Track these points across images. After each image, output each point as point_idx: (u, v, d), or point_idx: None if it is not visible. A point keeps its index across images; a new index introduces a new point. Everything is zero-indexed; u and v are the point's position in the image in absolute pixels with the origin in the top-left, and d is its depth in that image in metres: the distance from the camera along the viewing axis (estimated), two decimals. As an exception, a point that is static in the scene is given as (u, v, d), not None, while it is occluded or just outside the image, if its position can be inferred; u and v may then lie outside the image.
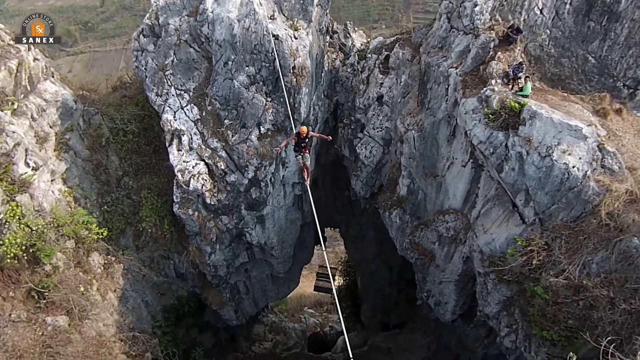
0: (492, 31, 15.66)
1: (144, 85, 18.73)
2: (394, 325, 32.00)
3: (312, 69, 18.57)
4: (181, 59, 18.17)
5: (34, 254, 14.46)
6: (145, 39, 18.62)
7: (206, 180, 18.05)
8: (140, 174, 20.00)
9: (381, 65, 20.59)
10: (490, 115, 14.38)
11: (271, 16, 17.85)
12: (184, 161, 17.87)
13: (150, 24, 18.51)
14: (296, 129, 14.99)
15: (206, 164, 18.08)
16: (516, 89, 14.73)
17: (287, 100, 16.92)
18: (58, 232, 15.50)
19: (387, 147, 20.92)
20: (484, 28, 15.90)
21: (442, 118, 16.98)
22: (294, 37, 17.78)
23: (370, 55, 21.21)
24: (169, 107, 18.03)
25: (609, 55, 15.63)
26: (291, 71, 17.52)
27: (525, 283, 13.99)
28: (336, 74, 22.51)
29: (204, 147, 17.99)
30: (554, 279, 12.82)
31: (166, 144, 18.25)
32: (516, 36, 15.37)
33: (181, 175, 17.75)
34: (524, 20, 15.83)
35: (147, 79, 18.41)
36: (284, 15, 18.48)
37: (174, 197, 18.28)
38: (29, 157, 15.47)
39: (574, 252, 13.00)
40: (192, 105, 18.12)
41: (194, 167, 17.90)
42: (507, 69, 15.13)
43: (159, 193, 19.70)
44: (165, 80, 18.17)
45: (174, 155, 17.92)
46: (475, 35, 16.06)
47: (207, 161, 18.01)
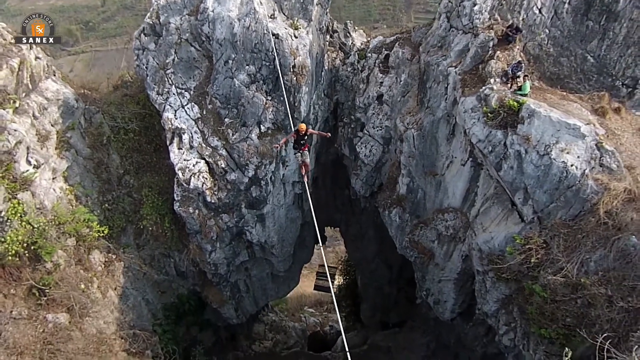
0: (491, 30, 15.74)
1: (145, 84, 18.80)
2: (393, 324, 32.08)
3: (312, 68, 18.64)
4: (182, 57, 18.24)
5: (35, 251, 14.56)
6: (146, 37, 18.69)
7: (207, 179, 18.12)
8: (141, 173, 20.06)
9: (381, 65, 20.67)
10: (489, 114, 14.44)
11: (271, 15, 17.93)
12: (184, 159, 17.95)
13: (152, 22, 18.59)
14: (295, 126, 15.07)
15: (207, 162, 18.15)
16: (515, 88, 14.80)
17: (287, 99, 16.99)
18: (59, 230, 15.57)
19: (387, 146, 20.99)
20: (483, 27, 15.98)
21: (441, 117, 17.06)
22: (294, 36, 17.85)
23: (370, 55, 21.29)
24: (170, 106, 18.11)
25: (607, 54, 15.69)
26: (291, 70, 17.59)
27: (524, 281, 14.04)
28: (336, 73, 22.59)
29: (204, 145, 18.07)
30: (552, 277, 12.86)
31: (167, 142, 18.33)
32: (515, 35, 15.45)
33: (182, 173, 17.82)
34: (522, 19, 15.90)
35: (148, 78, 18.48)
36: (284, 14, 18.55)
37: (175, 195, 18.36)
38: (30, 155, 15.54)
39: (573, 251, 13.05)
40: (193, 103, 18.20)
41: (194, 166, 17.97)
42: (506, 68, 15.22)
43: (159, 191, 19.77)
44: (166, 79, 18.24)
45: (174, 154, 17.99)
46: (474, 34, 16.14)
47: (207, 159, 18.08)
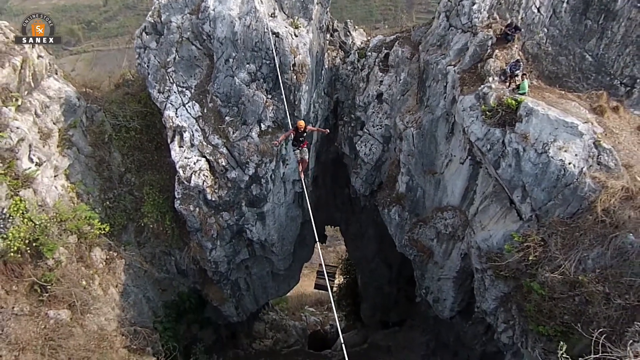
0: (490, 29, 15.84)
1: (147, 83, 18.91)
2: (393, 323, 32.12)
3: (312, 66, 18.73)
4: (183, 56, 18.35)
5: (37, 248, 14.55)
6: (147, 36, 18.81)
7: (207, 177, 18.23)
8: (142, 171, 20.17)
9: (381, 63, 20.74)
10: (488, 112, 14.53)
11: (272, 14, 18.04)
12: (185, 157, 18.06)
13: (153, 21, 18.70)
14: (293, 123, 15.19)
15: (207, 160, 18.25)
16: (513, 87, 14.89)
17: (287, 98, 17.08)
18: (61, 227, 15.58)
19: (386, 144, 21.07)
20: (482, 26, 16.08)
21: (440, 115, 17.14)
22: (295, 34, 17.95)
23: (370, 54, 21.38)
24: (171, 104, 18.22)
25: (606, 53, 15.76)
26: (291, 68, 17.67)
27: (522, 279, 14.10)
28: (336, 71, 22.69)
29: (205, 143, 18.17)
30: (550, 274, 12.91)
31: (168, 140, 18.44)
32: (514, 34, 15.53)
33: (182, 171, 17.93)
34: (521, 18, 15.99)
35: (150, 76, 18.59)
36: (284, 13, 18.65)
37: (176, 193, 18.47)
38: (32, 153, 15.61)
39: (570, 248, 13.11)
40: (194, 102, 18.31)
41: (195, 164, 18.08)
42: (504, 67, 15.30)
43: (160, 189, 19.88)
44: (167, 78, 18.35)
45: (175, 152, 18.10)
46: (473, 33, 16.24)
47: (208, 157, 18.19)
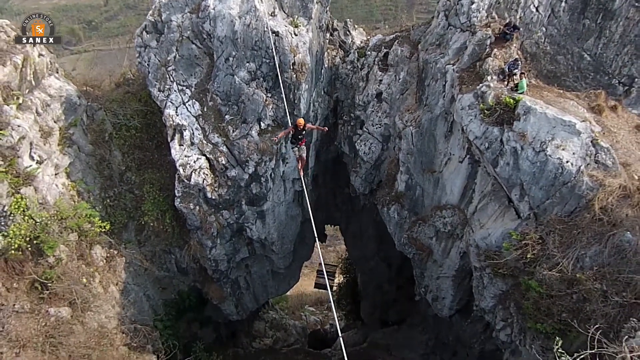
0: (488, 28, 15.91)
1: (147, 81, 18.98)
2: (393, 322, 32.16)
3: (311, 65, 18.81)
4: (183, 55, 18.43)
5: (38, 245, 14.61)
6: (148, 35, 18.89)
7: (207, 175, 18.31)
8: (143, 169, 20.23)
9: (380, 63, 20.82)
10: (486, 111, 14.59)
11: (272, 13, 18.11)
12: (185, 156, 18.13)
13: (153, 20, 18.78)
14: (293, 121, 15.26)
15: (207, 158, 18.33)
16: (512, 86, 14.96)
17: (286, 97, 17.15)
18: (61, 225, 15.63)
19: (385, 143, 21.15)
20: (480, 25, 16.15)
21: (439, 114, 17.21)
22: (294, 33, 18.02)
23: (370, 53, 21.45)
24: (171, 103, 18.30)
25: (604, 52, 15.84)
26: (291, 67, 17.75)
27: (520, 277, 14.18)
28: (336, 71, 22.78)
29: (205, 142, 18.25)
30: (548, 272, 13.00)
31: (168, 139, 18.51)
32: (512, 33, 15.60)
33: (183, 169, 18.01)
34: (520, 17, 16.07)
35: (150, 75, 18.67)
36: (284, 12, 18.73)
37: (176, 191, 18.54)
38: (33, 151, 15.67)
39: (568, 246, 13.19)
40: (194, 100, 18.39)
41: (195, 162, 18.15)
42: (502, 66, 15.37)
43: (160, 188, 19.94)
44: (168, 76, 18.43)
45: (175, 150, 18.18)
46: (472, 32, 16.31)
47: (208, 156, 18.26)
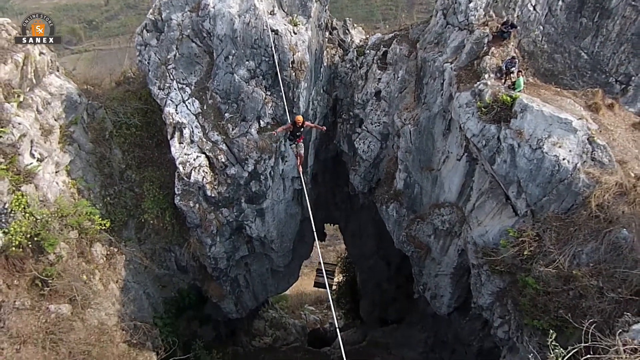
0: (486, 27, 16.00)
1: (147, 79, 19.09)
2: (392, 321, 32.26)
3: (311, 63, 18.91)
4: (183, 53, 18.53)
5: (38, 243, 14.70)
6: (148, 33, 19.00)
7: (207, 173, 18.40)
8: (143, 167, 20.29)
9: (379, 61, 20.90)
10: (483, 109, 14.69)
11: (271, 11, 18.21)
12: (185, 154, 18.23)
13: (154, 19, 18.89)
14: (292, 118, 15.36)
15: (207, 156, 18.41)
16: (509, 84, 15.05)
17: (286, 95, 17.23)
18: (62, 222, 15.70)
19: (384, 141, 21.24)
20: (478, 24, 16.24)
21: (437, 112, 17.31)
22: (293, 32, 18.13)
23: (369, 51, 21.54)
24: (171, 101, 18.40)
25: (601, 51, 15.91)
26: (290, 66, 17.86)
27: (518, 274, 14.25)
28: (335, 69, 22.86)
29: (204, 140, 18.35)
30: (545, 269, 13.07)
31: (168, 137, 18.60)
32: (510, 32, 15.70)
33: (182, 167, 18.11)
34: (517, 16, 16.15)
35: (150, 73, 18.77)
36: (283, 10, 18.84)
37: (175, 189, 18.62)
38: (34, 149, 15.75)
39: (565, 243, 13.26)
40: (194, 98, 18.48)
41: (195, 160, 18.25)
42: (500, 64, 15.47)
43: (160, 186, 20.01)
44: (168, 74, 18.53)
45: (175, 148, 18.27)
46: (469, 31, 16.40)
47: (207, 154, 18.35)
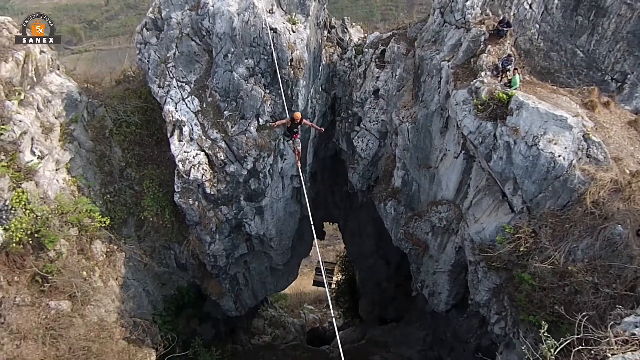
0: (482, 25, 16.13)
1: (147, 78, 19.24)
2: (391, 319, 32.39)
3: (309, 62, 19.04)
4: (183, 51, 18.66)
5: (39, 239, 14.77)
6: (148, 32, 19.15)
7: (206, 170, 18.51)
8: (143, 165, 20.40)
9: (377, 60, 21.01)
10: (480, 106, 14.81)
11: (270, 10, 18.34)
12: (184, 151, 18.35)
13: (154, 17, 19.04)
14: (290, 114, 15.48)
15: (206, 154, 18.52)
16: (505, 81, 15.18)
17: (284, 93, 17.35)
18: (62, 219, 15.79)
19: (383, 139, 21.37)
20: (475, 22, 16.38)
21: (435, 110, 17.44)
22: (292, 30, 18.26)
23: (367, 50, 21.64)
24: (171, 99, 18.52)
25: (596, 49, 16.03)
26: (289, 64, 17.99)
27: (514, 270, 14.36)
28: (334, 68, 22.96)
29: (204, 137, 18.47)
30: (540, 265, 13.16)
31: (167, 134, 18.74)
32: (506, 30, 15.82)
33: (182, 165, 18.23)
34: (513, 14, 16.27)
35: (150, 71, 18.92)
36: (282, 9, 18.96)
37: (175, 187, 18.74)
38: (34, 146, 15.85)
39: (560, 239, 13.35)
40: (193, 96, 18.61)
41: (194, 157, 18.37)
42: (496, 62, 15.60)
43: (160, 183, 20.12)
44: (167, 73, 18.66)
45: (175, 146, 18.39)
46: (466, 29, 16.53)
47: (207, 151, 18.47)
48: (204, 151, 18.51)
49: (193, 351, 22.70)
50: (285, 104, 17.06)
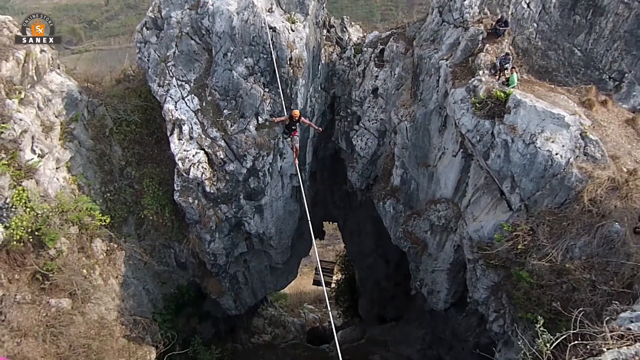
0: (480, 24, 16.21)
1: (147, 77, 19.30)
2: (390, 318, 32.42)
3: (308, 61, 19.11)
4: (182, 50, 18.73)
5: (39, 237, 14.81)
6: (148, 31, 19.21)
7: (206, 169, 18.58)
8: (142, 164, 20.46)
9: (376, 59, 21.09)
10: (478, 104, 14.88)
11: (269, 9, 18.40)
12: (184, 150, 18.42)
13: (153, 16, 19.11)
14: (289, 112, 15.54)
15: (206, 153, 18.59)
16: (503, 80, 15.25)
17: (284, 91, 17.42)
18: (62, 218, 15.81)
19: (381, 138, 21.44)
20: (473, 21, 16.46)
21: (433, 109, 17.51)
22: (291, 29, 18.33)
23: (366, 49, 21.72)
24: (171, 98, 18.59)
25: (594, 48, 16.10)
26: (288, 63, 18.06)
27: (512, 268, 14.42)
28: (333, 67, 23.02)
29: (203, 136, 18.54)
30: (538, 262, 13.22)
31: (167, 133, 18.80)
32: (504, 29, 15.89)
33: (182, 163, 18.29)
34: (511, 13, 16.33)
35: (150, 70, 18.99)
36: (281, 8, 19.04)
37: (175, 185, 18.81)
38: (35, 145, 15.89)
39: (558, 237, 13.42)
40: (193, 95, 18.67)
41: (194, 156, 18.43)
42: (494, 61, 15.67)
43: (160, 182, 20.19)
44: (167, 72, 18.73)
45: (174, 144, 18.46)
46: (464, 28, 16.61)
47: (206, 150, 18.53)
48: (203, 150, 18.58)
49: (193, 350, 22.72)
50: (284, 102, 17.12)
